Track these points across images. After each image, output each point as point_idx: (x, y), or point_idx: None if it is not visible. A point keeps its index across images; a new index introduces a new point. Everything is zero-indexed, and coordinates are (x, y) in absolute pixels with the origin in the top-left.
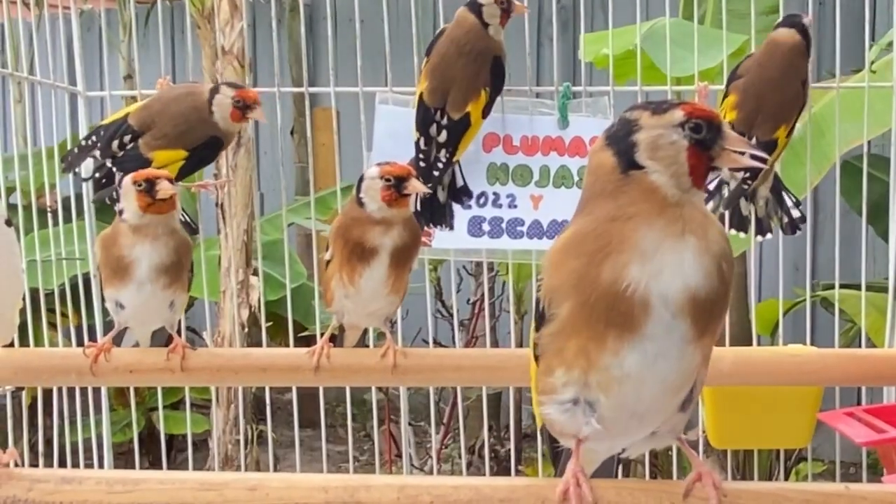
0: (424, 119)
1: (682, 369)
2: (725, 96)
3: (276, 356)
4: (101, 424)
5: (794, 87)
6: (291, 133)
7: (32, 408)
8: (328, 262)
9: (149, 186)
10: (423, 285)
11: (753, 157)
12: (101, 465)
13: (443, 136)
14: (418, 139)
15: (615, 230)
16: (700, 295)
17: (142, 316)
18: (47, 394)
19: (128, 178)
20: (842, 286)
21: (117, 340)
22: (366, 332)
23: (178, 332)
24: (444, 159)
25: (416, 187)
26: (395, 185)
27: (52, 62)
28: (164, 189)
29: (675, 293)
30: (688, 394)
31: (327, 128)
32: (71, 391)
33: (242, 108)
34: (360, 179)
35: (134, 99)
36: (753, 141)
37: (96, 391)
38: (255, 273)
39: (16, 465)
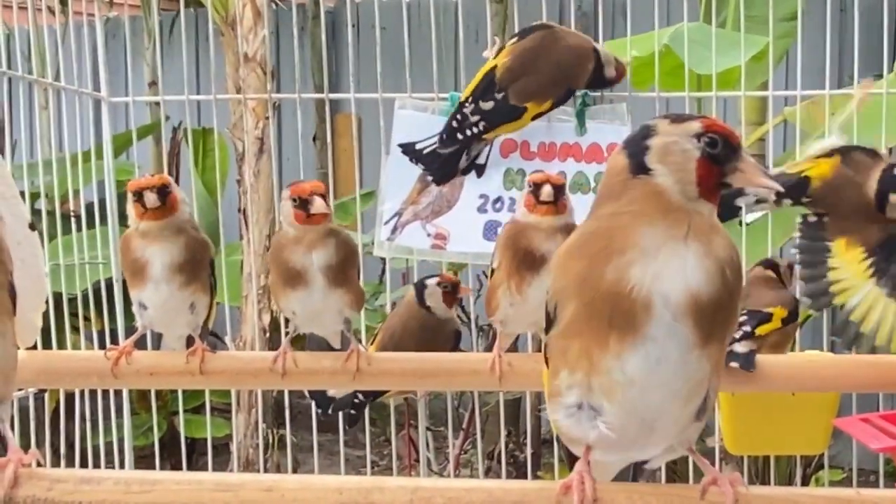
0: (485, 90)
1: (688, 376)
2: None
3: (294, 360)
4: (123, 428)
5: None
6: (314, 139)
7: (55, 410)
8: (493, 270)
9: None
10: None
11: (767, 185)
12: (122, 469)
13: (488, 106)
14: (466, 100)
15: (617, 230)
16: (702, 298)
17: (164, 317)
18: (70, 397)
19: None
20: None
21: (141, 344)
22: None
23: (201, 336)
24: (477, 128)
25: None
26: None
27: (76, 69)
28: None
29: (677, 294)
30: (701, 403)
31: (349, 134)
32: (93, 394)
33: None
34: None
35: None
36: None
37: (118, 394)
38: None
39: (38, 465)
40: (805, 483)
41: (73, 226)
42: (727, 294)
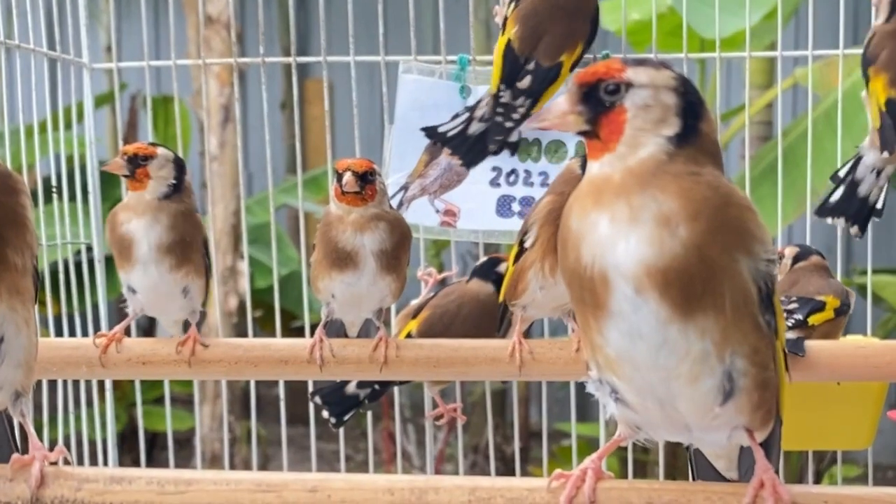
0: (512, 69)
1: (678, 353)
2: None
3: (298, 347)
4: (80, 420)
5: None
6: (282, 107)
7: None
8: (523, 250)
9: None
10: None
11: None
12: (80, 464)
13: (526, 83)
14: (499, 92)
15: (566, 210)
16: (657, 266)
17: (155, 302)
18: None
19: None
20: (876, 271)
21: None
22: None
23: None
24: (524, 109)
25: None
26: None
27: (31, 31)
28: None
29: (629, 267)
30: (720, 384)
31: (320, 101)
32: (52, 384)
33: None
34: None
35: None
36: None
37: (75, 383)
38: (242, 258)
39: (65, 462)
40: (818, 479)
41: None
42: (690, 252)
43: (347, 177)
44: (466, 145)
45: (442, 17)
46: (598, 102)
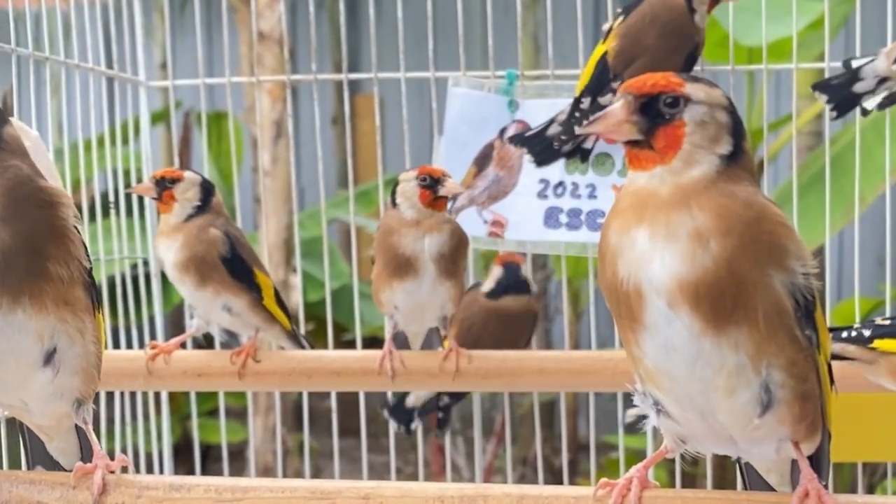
0: (600, 81)
1: (714, 365)
2: None
3: (349, 359)
4: (137, 432)
5: None
6: (333, 122)
7: None
8: None
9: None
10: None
11: None
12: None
13: (608, 99)
14: (580, 98)
15: (605, 227)
16: (690, 280)
17: (209, 319)
18: None
19: None
20: None
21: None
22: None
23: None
24: None
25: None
26: None
27: (90, 50)
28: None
29: (662, 281)
30: (758, 396)
31: (370, 116)
32: (109, 397)
33: None
34: None
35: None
36: None
37: (132, 396)
38: (295, 271)
39: (124, 470)
40: (870, 493)
41: (87, 217)
42: (721, 266)
43: (450, 182)
44: (541, 145)
45: (490, 32)
46: (657, 114)
